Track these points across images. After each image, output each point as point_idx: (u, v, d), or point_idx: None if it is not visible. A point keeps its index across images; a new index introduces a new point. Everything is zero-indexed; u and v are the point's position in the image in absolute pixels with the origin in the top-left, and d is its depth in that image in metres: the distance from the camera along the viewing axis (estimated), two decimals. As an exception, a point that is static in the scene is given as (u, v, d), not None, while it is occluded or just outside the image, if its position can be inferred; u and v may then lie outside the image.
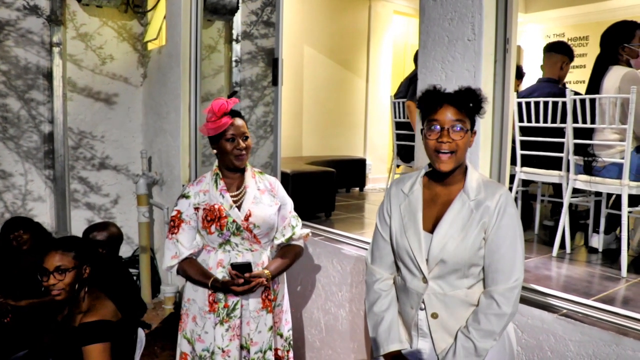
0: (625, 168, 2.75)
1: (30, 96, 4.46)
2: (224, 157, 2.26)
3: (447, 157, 1.65)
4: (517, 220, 1.68)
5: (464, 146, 1.66)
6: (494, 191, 1.68)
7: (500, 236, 1.65)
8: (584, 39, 7.08)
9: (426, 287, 1.70)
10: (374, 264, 1.88)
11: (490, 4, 2.31)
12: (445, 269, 1.67)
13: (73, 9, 4.63)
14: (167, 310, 4.32)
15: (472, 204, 1.67)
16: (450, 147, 1.64)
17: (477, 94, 1.68)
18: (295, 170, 4.01)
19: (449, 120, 1.64)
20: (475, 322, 1.65)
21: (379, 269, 1.86)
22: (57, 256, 2.19)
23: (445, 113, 1.64)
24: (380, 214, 1.87)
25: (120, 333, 2.24)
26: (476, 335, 1.63)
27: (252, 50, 4.52)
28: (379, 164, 6.57)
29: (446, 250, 1.65)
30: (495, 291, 1.64)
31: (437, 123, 1.65)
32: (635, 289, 2.46)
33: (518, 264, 1.65)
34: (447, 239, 1.66)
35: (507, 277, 1.63)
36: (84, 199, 4.85)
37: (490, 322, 1.62)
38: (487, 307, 1.64)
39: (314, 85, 5.98)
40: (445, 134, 1.64)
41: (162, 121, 4.63)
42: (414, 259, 1.71)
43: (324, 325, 3.19)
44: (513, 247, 1.65)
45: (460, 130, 1.64)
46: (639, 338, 1.82)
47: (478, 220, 1.66)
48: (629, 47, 3.00)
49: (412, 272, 1.73)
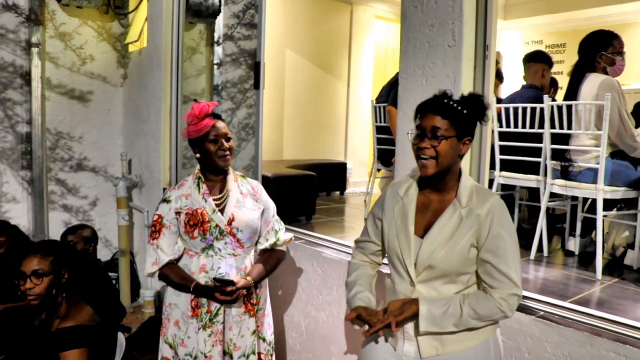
0: (600, 173, 2.81)
1: (6, 96, 4.38)
2: (208, 160, 2.25)
3: (427, 162, 1.66)
4: (512, 229, 1.69)
5: (446, 152, 1.66)
6: (485, 199, 1.69)
7: (495, 244, 1.64)
8: (561, 46, 7.22)
9: (413, 290, 1.71)
10: (357, 249, 2.00)
11: (470, 11, 2.35)
12: (433, 274, 1.68)
13: (52, 8, 4.57)
14: (146, 314, 4.28)
15: (463, 211, 1.68)
16: (429, 152, 1.65)
17: (454, 99, 1.69)
18: (276, 174, 4.01)
19: (428, 126, 1.66)
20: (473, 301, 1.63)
21: (359, 253, 1.98)
22: (35, 260, 2.16)
23: (428, 119, 1.67)
24: (373, 212, 1.91)
25: (98, 337, 2.21)
26: (468, 309, 1.61)
27: (235, 52, 4.51)
28: (359, 168, 6.60)
29: (434, 256, 1.66)
30: (495, 293, 1.63)
31: (419, 129, 1.69)
32: (609, 290, 2.52)
33: (515, 273, 1.65)
34: (436, 245, 1.67)
35: (506, 285, 1.63)
36: (61, 200, 4.78)
37: (487, 308, 1.62)
38: (488, 300, 1.63)
39: (295, 89, 5.99)
40: (425, 140, 1.66)
41: (142, 123, 4.60)
42: (402, 262, 1.72)
43: (304, 328, 3.20)
44: (510, 256, 1.65)
45: (440, 137, 1.65)
46: (613, 338, 1.87)
47: (468, 228, 1.66)
48: (606, 55, 3.06)
49: (401, 275, 1.75)
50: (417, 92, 2.51)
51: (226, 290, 2.13)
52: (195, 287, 2.18)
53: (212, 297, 2.17)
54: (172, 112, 4.18)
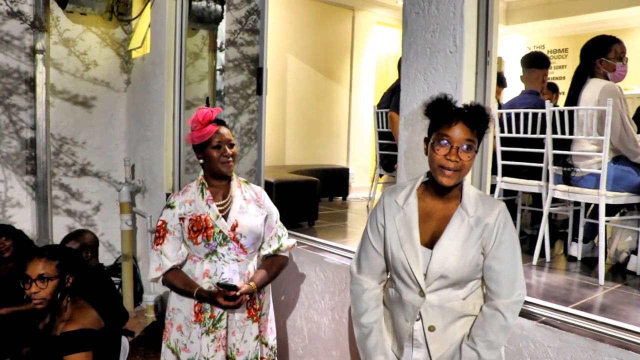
0: (603, 178, 2.81)
1: (10, 101, 4.41)
2: (211, 165, 2.26)
3: (451, 173, 1.62)
4: (516, 235, 1.71)
5: (469, 165, 1.64)
6: (492, 207, 1.69)
7: (502, 251, 1.66)
8: (563, 51, 7.22)
9: (423, 300, 1.69)
10: (361, 274, 1.85)
11: (471, 17, 2.36)
12: (444, 284, 1.67)
13: (56, 15, 4.60)
14: (149, 318, 4.29)
15: (471, 220, 1.67)
16: (456, 166, 1.61)
17: (486, 113, 1.65)
18: (279, 179, 4.02)
19: (460, 139, 1.61)
20: (480, 333, 1.65)
21: (368, 279, 1.84)
22: (40, 264, 2.18)
23: (457, 130, 1.61)
24: (372, 224, 1.83)
25: (102, 341, 2.22)
26: (482, 346, 1.64)
27: (237, 58, 4.53)
28: (362, 174, 6.60)
29: (447, 266, 1.65)
30: (500, 304, 1.64)
31: (447, 139, 1.62)
32: (612, 296, 2.52)
33: (519, 278, 1.67)
34: (448, 255, 1.65)
35: (510, 290, 1.65)
36: (65, 205, 4.80)
37: (495, 333, 1.64)
38: (493, 317, 1.65)
39: (297, 95, 6.00)
40: (454, 152, 1.61)
41: (145, 129, 4.62)
42: (411, 274, 1.69)
43: (306, 333, 3.20)
44: (515, 262, 1.67)
45: (469, 150, 1.62)
46: (615, 344, 1.87)
47: (478, 236, 1.66)
48: (606, 60, 3.07)
49: (409, 286, 1.72)
50: (418, 98, 2.52)
51: (229, 295, 2.14)
52: (199, 293, 2.19)
53: (215, 303, 2.18)
54: (175, 117, 4.20)
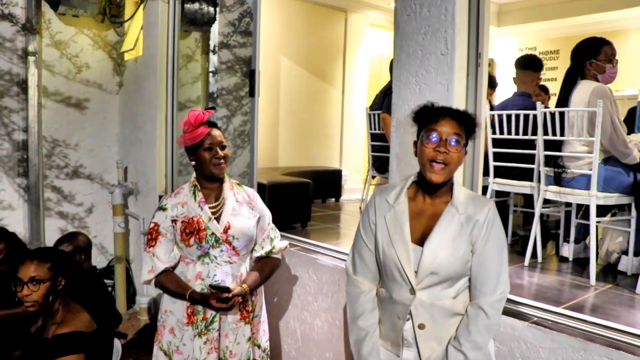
0: (593, 179, 2.83)
1: (2, 104, 4.39)
2: (203, 167, 2.26)
3: (440, 167, 1.65)
4: (503, 234, 1.73)
5: (457, 161, 1.67)
6: (483, 205, 1.71)
7: (488, 249, 1.68)
8: (554, 53, 7.26)
9: (414, 298, 1.70)
10: (357, 275, 1.85)
11: (462, 20, 2.37)
12: (435, 281, 1.68)
13: (48, 17, 4.59)
14: (142, 321, 4.28)
15: (462, 217, 1.69)
16: (446, 158, 1.64)
17: (472, 117, 1.72)
18: (272, 181, 4.02)
19: (448, 132, 1.65)
20: (465, 333, 1.67)
21: (364, 280, 1.84)
22: (32, 266, 2.17)
23: (445, 125, 1.66)
24: (364, 224, 1.84)
25: (94, 344, 2.22)
26: (467, 347, 1.65)
27: (230, 60, 4.53)
28: (354, 175, 6.61)
29: (437, 262, 1.66)
30: (483, 302, 1.67)
31: (436, 133, 1.66)
32: (603, 296, 2.53)
33: (504, 276, 1.69)
34: (439, 251, 1.67)
35: (493, 289, 1.67)
36: (57, 208, 4.78)
37: (480, 332, 1.66)
38: (476, 317, 1.67)
39: (290, 96, 6.01)
40: (442, 144, 1.65)
41: (138, 131, 4.61)
42: (402, 271, 1.70)
43: (300, 335, 3.20)
44: (499, 260, 1.69)
45: (457, 143, 1.66)
46: (606, 344, 1.88)
47: (468, 233, 1.68)
48: (595, 62, 3.09)
49: (399, 284, 1.73)
50: (410, 100, 2.53)
51: (222, 297, 2.13)
52: (191, 295, 2.19)
53: (207, 305, 2.18)
54: (167, 119, 4.20)
